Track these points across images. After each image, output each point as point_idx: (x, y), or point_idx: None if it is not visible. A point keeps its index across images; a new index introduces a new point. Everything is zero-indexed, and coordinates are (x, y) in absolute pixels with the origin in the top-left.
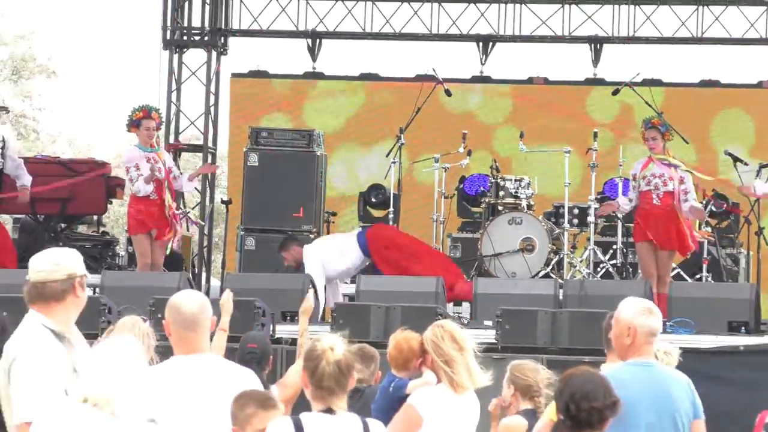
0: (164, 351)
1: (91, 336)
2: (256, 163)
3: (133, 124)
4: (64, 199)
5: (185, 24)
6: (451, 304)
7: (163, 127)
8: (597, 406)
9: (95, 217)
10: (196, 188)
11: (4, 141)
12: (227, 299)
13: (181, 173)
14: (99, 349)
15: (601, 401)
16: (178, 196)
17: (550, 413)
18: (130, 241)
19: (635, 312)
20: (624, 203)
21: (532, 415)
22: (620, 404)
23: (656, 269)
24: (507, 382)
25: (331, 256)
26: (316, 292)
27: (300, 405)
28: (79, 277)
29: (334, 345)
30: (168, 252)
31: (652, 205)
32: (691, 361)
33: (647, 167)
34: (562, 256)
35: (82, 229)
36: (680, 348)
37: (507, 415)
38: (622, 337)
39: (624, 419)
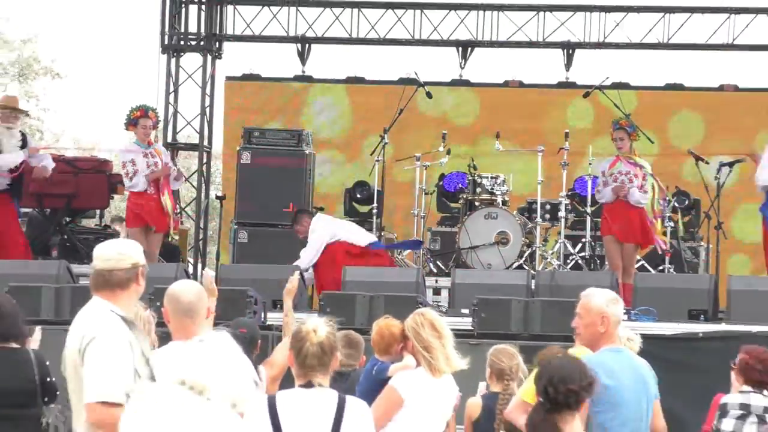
0: (163, 337)
1: None
2: (249, 161)
3: (131, 123)
4: (69, 195)
5: (182, 30)
6: (431, 293)
7: (161, 126)
8: (574, 389)
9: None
10: (192, 185)
11: (24, 140)
12: (210, 281)
13: (177, 170)
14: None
15: (577, 383)
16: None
17: (522, 395)
18: None
19: (607, 301)
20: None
21: (491, 399)
22: (596, 384)
23: (622, 261)
24: (487, 364)
25: (342, 225)
26: (302, 277)
27: (288, 383)
28: (141, 267)
29: (317, 327)
30: (171, 239)
31: (618, 201)
32: (653, 347)
33: (615, 165)
34: (534, 248)
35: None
36: (642, 335)
37: None
38: (595, 325)
39: (615, 402)
